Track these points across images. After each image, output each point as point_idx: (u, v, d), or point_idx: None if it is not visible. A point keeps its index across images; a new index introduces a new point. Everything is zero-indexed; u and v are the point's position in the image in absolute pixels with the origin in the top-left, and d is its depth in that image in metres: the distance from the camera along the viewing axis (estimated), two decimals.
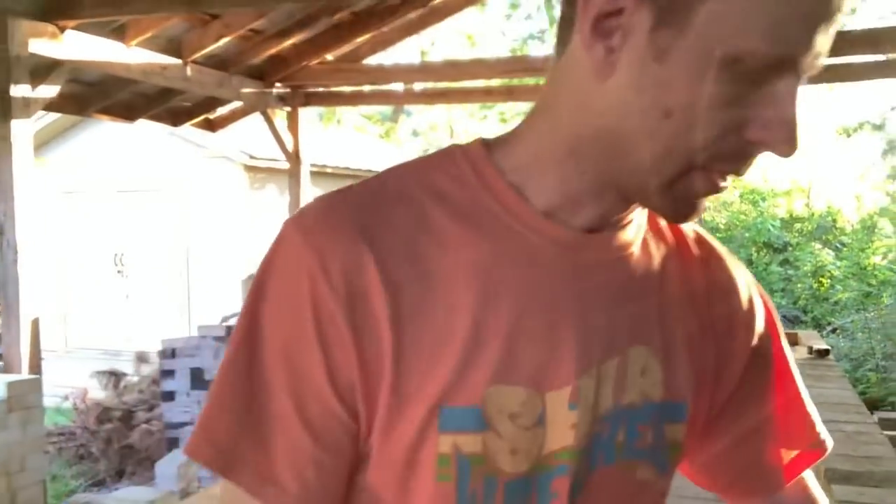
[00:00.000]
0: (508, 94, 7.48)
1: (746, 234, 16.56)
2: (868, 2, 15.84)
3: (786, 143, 0.60)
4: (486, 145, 0.72)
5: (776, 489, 0.83)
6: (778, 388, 0.82)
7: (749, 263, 17.46)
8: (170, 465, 4.61)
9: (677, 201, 0.65)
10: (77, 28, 4.97)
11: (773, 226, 16.58)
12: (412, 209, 0.68)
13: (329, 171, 10.80)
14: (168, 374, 4.84)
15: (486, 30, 19.97)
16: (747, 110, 0.59)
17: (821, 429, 0.83)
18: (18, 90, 4.46)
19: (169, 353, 4.83)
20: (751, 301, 0.80)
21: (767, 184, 19.07)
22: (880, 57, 6.55)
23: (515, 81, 7.41)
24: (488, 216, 0.69)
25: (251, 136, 9.11)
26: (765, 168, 19.54)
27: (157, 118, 7.10)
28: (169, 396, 4.82)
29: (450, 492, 0.66)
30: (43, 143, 10.27)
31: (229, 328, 4.82)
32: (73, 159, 10.28)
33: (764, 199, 18.30)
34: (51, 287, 9.97)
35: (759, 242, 16.17)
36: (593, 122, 0.65)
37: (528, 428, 0.67)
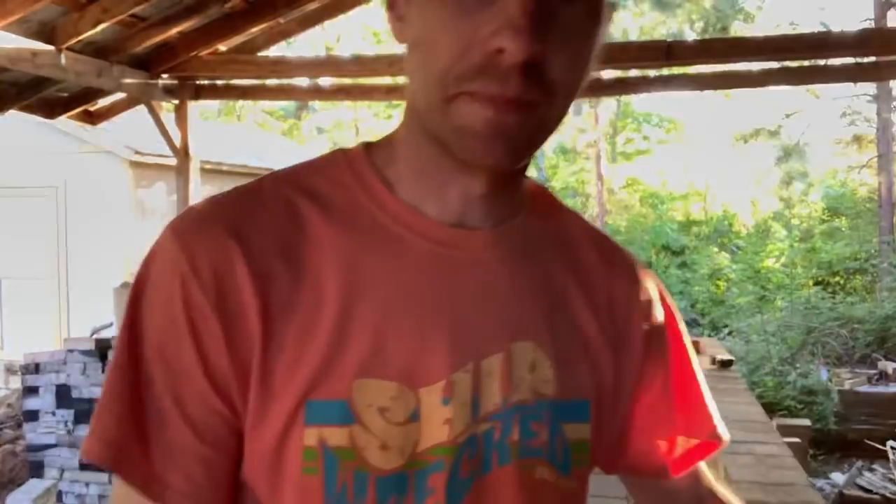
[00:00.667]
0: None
1: (646, 238, 16.89)
2: (765, 10, 16.39)
3: (513, 39, 0.61)
4: (368, 146, 0.75)
5: (670, 476, 0.83)
6: (678, 381, 0.82)
7: (648, 266, 17.66)
8: (25, 496, 4.15)
9: (463, 134, 0.65)
10: None
11: (671, 229, 16.97)
12: (285, 209, 0.70)
13: (225, 168, 10.30)
14: (31, 391, 4.36)
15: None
16: (482, 26, 0.62)
17: (718, 422, 0.84)
18: None
19: (32, 367, 4.35)
20: (652, 303, 0.81)
21: (666, 187, 19.54)
22: (776, 64, 6.63)
23: None
24: (361, 213, 0.71)
25: (138, 130, 8.55)
26: (663, 172, 20.05)
27: (30, 109, 6.52)
28: (32, 416, 4.34)
29: (316, 485, 0.66)
30: None
31: (99, 341, 4.39)
32: None
33: (663, 203, 18.73)
34: None
35: (658, 245, 16.48)
36: (410, 97, 0.70)
37: (400, 423, 0.66)
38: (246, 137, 14.52)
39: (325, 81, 6.88)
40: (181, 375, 0.66)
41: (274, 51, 6.89)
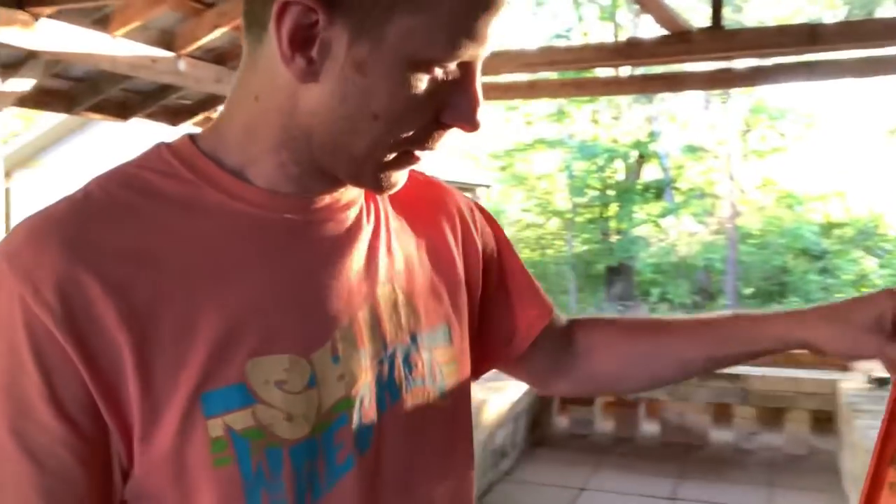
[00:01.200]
0: (530, 89, 6.94)
1: (781, 241, 15.91)
2: None
3: (471, 123, 0.70)
4: (193, 139, 0.74)
5: (521, 347, 0.96)
6: (510, 274, 0.95)
7: (784, 271, 16.81)
8: None
9: (382, 179, 0.72)
10: (54, 17, 4.53)
11: (810, 232, 15.92)
12: (122, 210, 0.68)
13: None
14: None
15: (509, 29, 19.45)
16: (440, 100, 0.68)
17: (544, 294, 0.99)
18: None
19: None
20: (475, 217, 0.93)
21: (803, 187, 18.35)
22: None
23: (542, 77, 6.89)
24: (211, 202, 0.70)
25: None
26: (800, 171, 18.82)
27: (154, 117, 6.67)
28: None
29: (232, 473, 0.66)
30: (43, 146, 9.93)
31: None
32: (73, 162, 9.93)
33: (800, 204, 17.60)
34: None
35: (796, 249, 15.51)
36: (302, 120, 0.69)
37: (300, 392, 0.68)
38: None
39: None
40: (25, 411, 0.63)
41: None
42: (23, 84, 4.45)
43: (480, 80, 0.70)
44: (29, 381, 0.63)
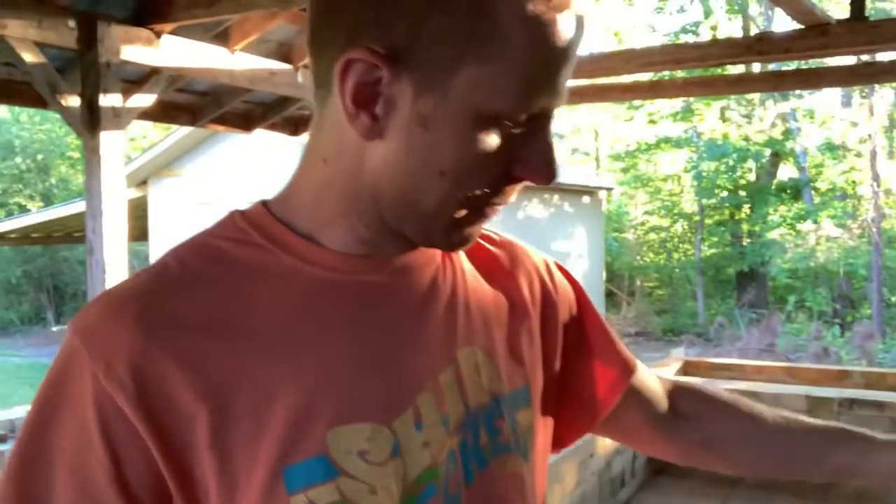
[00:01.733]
0: (651, 89, 6.63)
1: None
2: None
3: (545, 176, 0.67)
4: (266, 205, 0.73)
5: (600, 415, 0.90)
6: (590, 331, 0.90)
7: None
8: None
9: (453, 237, 0.70)
10: (175, 33, 4.67)
11: None
12: (198, 281, 0.67)
13: None
14: None
15: (634, 26, 18.92)
16: (510, 153, 0.65)
17: (626, 351, 0.93)
18: (108, 100, 4.17)
19: None
20: (553, 276, 0.88)
21: None
22: None
23: (667, 75, 6.58)
24: (284, 268, 0.69)
25: None
26: None
27: (275, 128, 6.82)
28: None
29: None
30: (180, 154, 10.37)
31: None
32: (210, 171, 10.32)
33: None
34: None
35: None
36: (369, 180, 0.67)
37: (383, 462, 0.66)
38: None
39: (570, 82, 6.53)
40: (87, 489, 0.62)
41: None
42: (146, 100, 4.59)
43: (552, 129, 0.68)
44: (96, 461, 0.62)
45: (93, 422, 0.62)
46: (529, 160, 0.66)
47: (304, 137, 5.26)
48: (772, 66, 9.07)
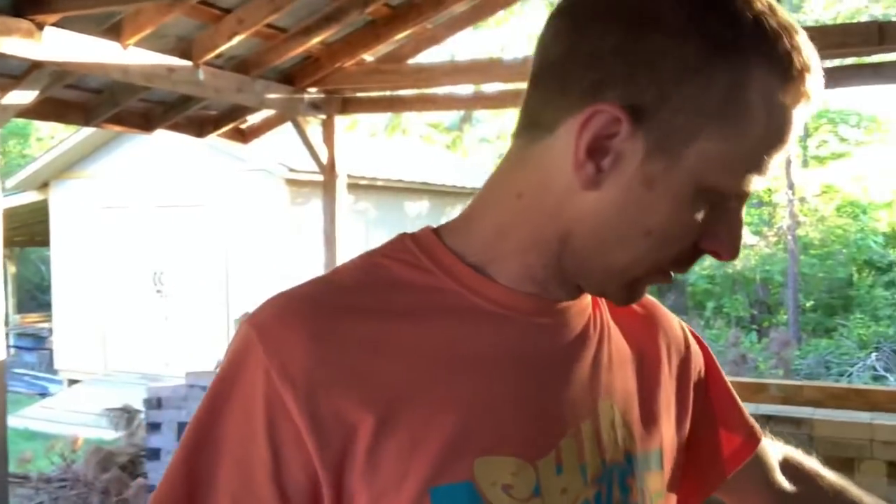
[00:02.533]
0: None
1: (844, 252, 15.11)
2: None
3: (731, 254, 0.69)
4: (436, 232, 0.75)
5: (722, 478, 0.91)
6: (717, 398, 0.90)
7: (848, 284, 15.95)
8: None
9: (628, 293, 0.72)
10: (60, 25, 4.29)
11: (875, 242, 15.10)
12: (371, 297, 0.70)
13: (379, 184, 10.05)
14: (154, 427, 4.08)
15: None
16: (705, 225, 0.67)
17: (753, 422, 0.93)
18: None
19: (154, 402, 4.07)
20: (687, 338, 0.88)
21: (867, 195, 17.46)
22: None
23: None
24: (450, 295, 0.71)
25: (294, 146, 8.42)
26: (863, 177, 17.93)
27: (178, 128, 6.44)
28: (154, 454, 4.05)
29: None
30: (84, 155, 9.81)
31: None
32: (115, 172, 9.80)
33: (864, 213, 16.73)
34: (89, 307, 9.48)
35: (860, 261, 14.69)
36: (563, 224, 0.69)
37: (526, 500, 0.67)
38: (405, 152, 14.33)
39: (490, 88, 6.39)
40: (247, 482, 0.65)
41: (426, 58, 6.43)
42: (26, 96, 4.21)
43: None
44: (257, 454, 0.65)
45: (260, 417, 0.64)
46: (719, 235, 0.68)
47: (214, 141, 4.87)
48: None
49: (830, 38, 5.01)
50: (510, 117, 18.11)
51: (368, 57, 6.22)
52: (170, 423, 4.05)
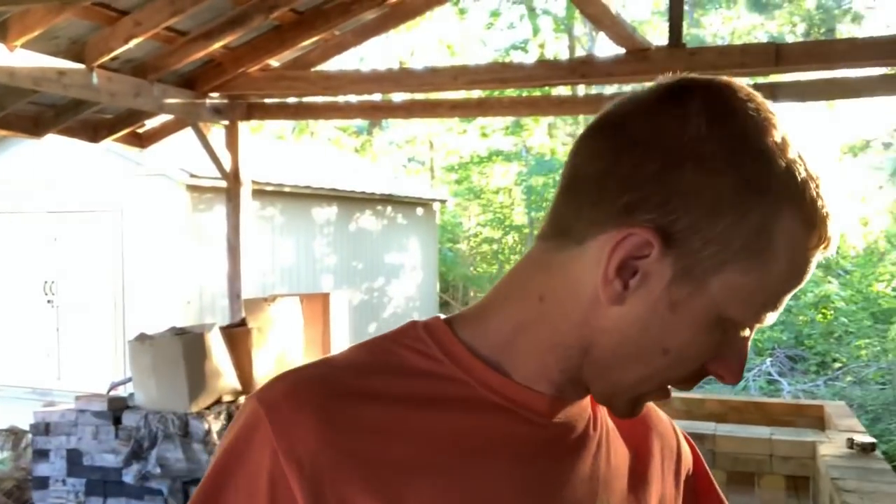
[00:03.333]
0: (479, 107, 6.52)
1: None
2: (876, 10, 14.96)
3: (737, 378, 0.72)
4: (448, 322, 0.76)
5: None
6: (705, 498, 0.91)
7: None
8: None
9: (632, 406, 0.74)
10: None
11: None
12: (381, 382, 0.71)
13: (287, 190, 9.83)
14: (41, 454, 3.82)
15: (466, 40, 19.10)
16: (717, 349, 0.69)
17: None
18: None
19: (42, 428, 3.81)
20: (679, 439, 0.89)
21: None
22: (888, 70, 5.66)
23: (495, 93, 6.49)
24: (462, 388, 0.72)
25: (196, 150, 8.12)
26: None
27: (71, 133, 6.13)
28: (42, 483, 3.79)
29: None
30: None
31: (112, 401, 3.83)
32: (2, 177, 9.24)
33: None
34: None
35: None
36: (588, 335, 0.70)
37: None
38: (314, 156, 14.10)
39: (400, 97, 6.33)
40: None
41: (335, 65, 6.31)
42: None
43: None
44: None
45: (263, 496, 0.65)
46: (727, 359, 0.70)
47: (111, 144, 4.62)
48: (597, 89, 9.30)
49: (730, 58, 5.18)
50: (420, 123, 18.08)
51: (274, 62, 6.06)
52: (58, 450, 3.80)
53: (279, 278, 9.81)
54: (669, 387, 0.73)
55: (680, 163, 0.65)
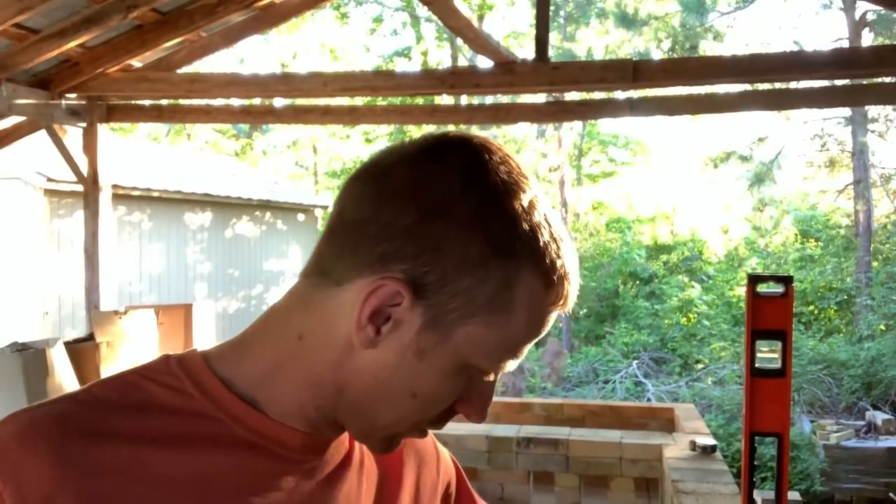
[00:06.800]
0: (350, 114, 6.49)
1: (613, 266, 16.28)
2: (735, 29, 15.88)
3: (481, 418, 0.75)
4: (205, 357, 0.75)
5: None
6: None
7: (616, 295, 17.22)
8: None
9: (388, 445, 0.76)
10: None
11: (638, 255, 16.41)
12: (125, 421, 0.69)
13: (155, 195, 9.49)
14: None
15: (349, 45, 19.00)
16: (463, 392, 0.73)
17: None
18: None
19: None
20: (438, 451, 0.92)
21: (633, 211, 18.96)
22: (748, 87, 6.02)
23: (367, 101, 6.47)
24: (213, 425, 0.71)
25: (55, 153, 7.72)
26: (629, 195, 19.46)
27: None
28: None
29: None
30: None
31: None
32: None
33: (629, 228, 18.16)
34: None
35: (626, 273, 15.93)
36: (342, 374, 0.72)
37: None
38: (188, 160, 13.68)
39: (280, 101, 6.19)
40: None
41: (206, 67, 6.13)
42: None
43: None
44: None
45: None
46: (472, 401, 0.74)
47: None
48: (476, 100, 9.44)
49: (591, 73, 5.36)
50: (303, 127, 17.83)
51: (137, 63, 5.84)
52: None
53: (147, 287, 9.44)
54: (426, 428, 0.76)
55: (434, 218, 0.67)
